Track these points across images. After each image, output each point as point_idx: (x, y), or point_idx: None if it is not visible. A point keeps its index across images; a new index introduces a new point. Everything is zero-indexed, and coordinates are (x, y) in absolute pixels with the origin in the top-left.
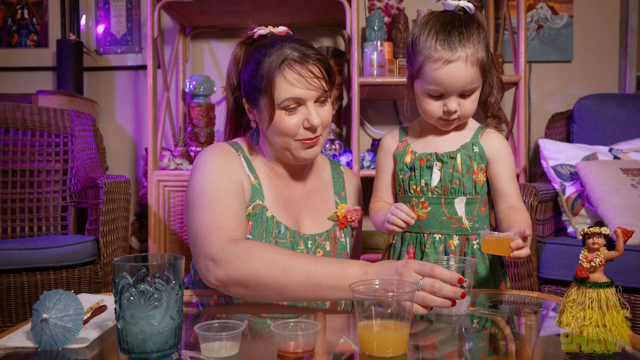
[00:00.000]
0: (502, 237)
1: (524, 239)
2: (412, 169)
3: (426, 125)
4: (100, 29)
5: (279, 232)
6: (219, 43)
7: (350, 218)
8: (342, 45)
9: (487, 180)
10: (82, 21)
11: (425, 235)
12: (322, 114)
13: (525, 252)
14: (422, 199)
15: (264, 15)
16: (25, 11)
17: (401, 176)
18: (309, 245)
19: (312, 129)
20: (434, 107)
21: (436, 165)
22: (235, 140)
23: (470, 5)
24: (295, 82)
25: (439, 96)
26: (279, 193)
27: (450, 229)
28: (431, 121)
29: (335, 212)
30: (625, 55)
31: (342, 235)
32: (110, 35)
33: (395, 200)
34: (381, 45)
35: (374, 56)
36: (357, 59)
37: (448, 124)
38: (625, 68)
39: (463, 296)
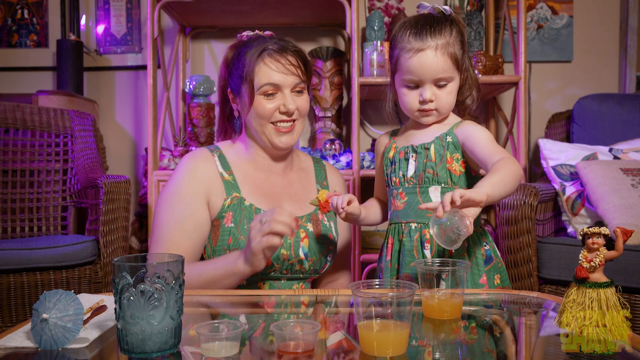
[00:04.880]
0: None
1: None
2: (392, 162)
3: (410, 122)
4: (100, 29)
5: None
6: (219, 43)
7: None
8: (342, 45)
9: (468, 171)
10: (82, 21)
11: (403, 224)
12: (298, 102)
13: (473, 193)
14: (400, 190)
15: (264, 15)
16: (25, 11)
17: (386, 171)
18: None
19: (287, 113)
20: (411, 98)
21: (412, 156)
22: (217, 143)
23: (446, 7)
24: (273, 68)
25: (415, 87)
26: (257, 184)
27: (426, 217)
28: (411, 114)
29: (317, 197)
30: (625, 55)
31: (326, 219)
32: (110, 35)
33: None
34: (381, 45)
35: (374, 56)
36: (357, 59)
37: (426, 115)
38: (625, 68)
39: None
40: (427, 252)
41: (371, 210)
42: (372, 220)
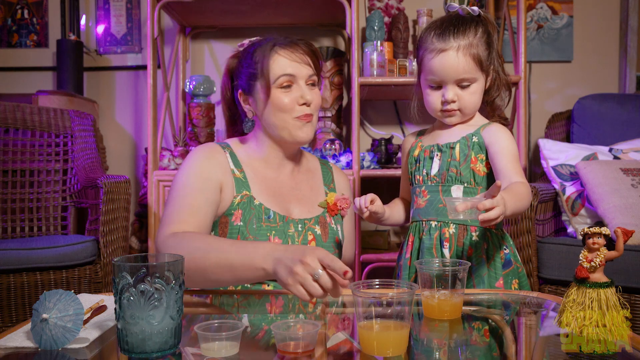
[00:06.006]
0: (468, 202)
1: (495, 190)
2: (417, 160)
3: (437, 123)
4: (100, 29)
5: (268, 217)
6: (219, 43)
7: (340, 206)
8: (342, 45)
9: (491, 172)
10: (82, 21)
11: (423, 222)
12: (312, 95)
13: (496, 212)
14: (423, 188)
15: (264, 15)
16: (25, 11)
17: (410, 169)
18: (299, 229)
19: (306, 104)
20: (434, 98)
21: (437, 155)
22: (226, 140)
23: (475, 8)
24: (287, 57)
25: (438, 87)
26: (267, 183)
27: (447, 216)
28: (434, 114)
29: (326, 200)
30: (625, 55)
31: (333, 221)
32: (110, 35)
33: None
34: (381, 45)
35: (374, 56)
36: (357, 59)
37: (449, 115)
38: (625, 68)
39: (344, 285)
40: (446, 251)
41: (395, 209)
42: (395, 220)
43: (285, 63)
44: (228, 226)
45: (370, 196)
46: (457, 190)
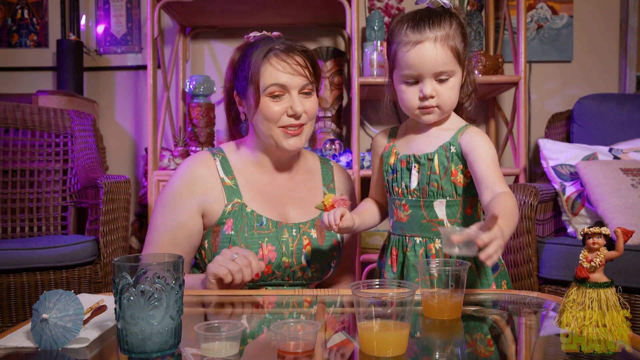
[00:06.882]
0: (464, 234)
1: (492, 222)
2: (394, 170)
3: (410, 123)
4: (100, 29)
5: (260, 224)
6: (219, 43)
7: (338, 207)
8: (342, 45)
9: (472, 180)
10: (82, 21)
11: (407, 238)
12: (306, 105)
13: (495, 246)
14: (403, 201)
15: (264, 15)
16: (25, 11)
17: (386, 177)
18: (294, 234)
19: (295, 116)
20: (411, 95)
21: (414, 167)
22: (221, 145)
23: (446, 1)
24: (280, 69)
25: (415, 82)
26: (260, 188)
27: (431, 232)
28: (411, 113)
29: (322, 201)
30: (625, 55)
31: None
32: (110, 35)
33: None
34: (381, 45)
35: (374, 56)
36: (357, 59)
37: (427, 112)
38: (625, 68)
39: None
40: (434, 267)
41: (365, 215)
42: (367, 227)
43: (277, 73)
44: (220, 235)
45: (340, 210)
46: (439, 205)
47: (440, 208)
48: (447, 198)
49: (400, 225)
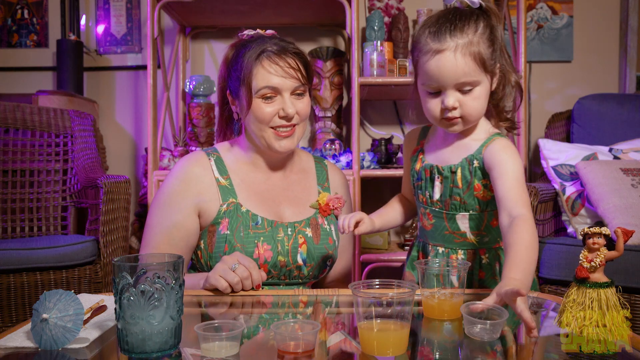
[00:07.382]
0: (487, 325)
1: (513, 296)
2: (419, 177)
3: (438, 130)
4: (100, 29)
5: (255, 223)
6: (219, 43)
7: (333, 206)
8: (342, 45)
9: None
10: (82, 21)
11: (430, 246)
12: (298, 106)
13: (527, 315)
14: (428, 210)
15: (264, 15)
16: (25, 11)
17: (413, 182)
18: (289, 233)
19: (286, 118)
20: (433, 105)
21: (437, 178)
22: (215, 145)
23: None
24: (272, 71)
25: (437, 93)
26: (255, 187)
27: (454, 243)
28: (435, 123)
29: (317, 200)
30: (625, 55)
31: (326, 222)
32: (110, 35)
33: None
34: (381, 45)
35: (374, 56)
36: (357, 59)
37: (450, 124)
38: (625, 68)
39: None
40: (454, 278)
41: (389, 216)
42: (389, 227)
43: (269, 75)
44: (215, 235)
45: (357, 216)
46: (462, 218)
47: (463, 221)
48: (470, 212)
49: (425, 232)
